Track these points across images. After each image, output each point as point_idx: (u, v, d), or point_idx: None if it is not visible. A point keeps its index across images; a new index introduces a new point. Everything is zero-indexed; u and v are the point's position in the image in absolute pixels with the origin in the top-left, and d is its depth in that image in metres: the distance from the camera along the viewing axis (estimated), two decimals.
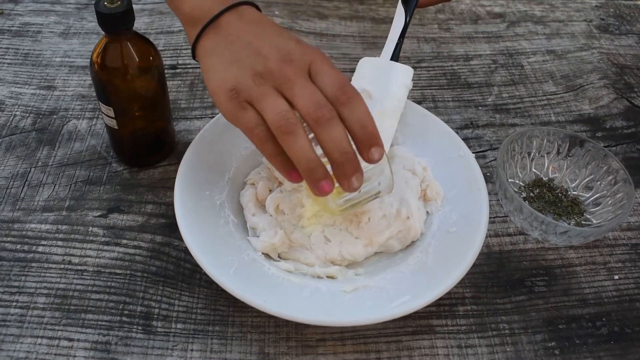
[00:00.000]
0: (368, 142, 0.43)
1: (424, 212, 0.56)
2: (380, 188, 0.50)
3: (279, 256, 0.53)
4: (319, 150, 0.43)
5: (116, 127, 0.58)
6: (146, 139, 0.62)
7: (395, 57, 0.62)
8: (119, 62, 0.54)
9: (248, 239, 0.53)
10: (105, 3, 0.51)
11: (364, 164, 0.44)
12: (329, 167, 0.43)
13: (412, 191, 0.56)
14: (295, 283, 0.49)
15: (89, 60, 0.76)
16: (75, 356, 0.48)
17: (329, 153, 0.42)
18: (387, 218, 0.53)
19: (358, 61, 0.81)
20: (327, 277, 0.51)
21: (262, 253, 0.52)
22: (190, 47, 0.49)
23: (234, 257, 0.50)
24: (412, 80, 0.62)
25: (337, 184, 0.44)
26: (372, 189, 0.49)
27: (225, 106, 0.45)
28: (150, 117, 0.61)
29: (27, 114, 0.68)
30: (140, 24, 0.81)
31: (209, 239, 0.50)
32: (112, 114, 0.56)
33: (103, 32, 0.53)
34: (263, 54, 0.44)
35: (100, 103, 0.57)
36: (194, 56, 0.49)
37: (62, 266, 0.54)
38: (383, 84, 0.61)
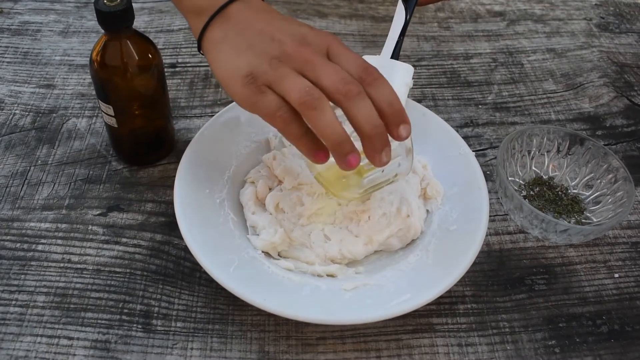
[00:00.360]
0: (397, 119, 0.43)
1: (424, 210, 0.56)
2: (400, 170, 0.50)
3: (278, 255, 0.53)
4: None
5: (116, 126, 0.58)
6: (146, 138, 0.62)
7: (395, 55, 0.62)
8: (118, 60, 0.54)
9: (248, 237, 0.53)
10: (105, 1, 0.51)
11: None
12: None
13: (412, 189, 0.56)
14: (295, 281, 0.49)
15: (88, 58, 0.76)
16: (75, 355, 0.48)
17: (359, 127, 0.42)
18: (387, 216, 0.53)
19: None
20: (327, 275, 0.51)
21: (262, 251, 0.52)
22: (195, 40, 0.48)
23: (234, 256, 0.50)
24: (413, 78, 0.62)
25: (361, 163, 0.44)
26: (392, 170, 0.49)
27: (241, 92, 0.44)
28: (150, 116, 0.60)
29: (27, 113, 0.68)
30: (139, 23, 0.81)
31: (209, 238, 0.50)
32: (111, 112, 0.56)
33: (103, 31, 0.53)
34: (277, 39, 0.44)
35: (100, 101, 0.56)
36: (199, 48, 0.48)
37: (61, 265, 0.54)
38: None
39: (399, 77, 0.61)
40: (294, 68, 0.43)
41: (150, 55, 0.55)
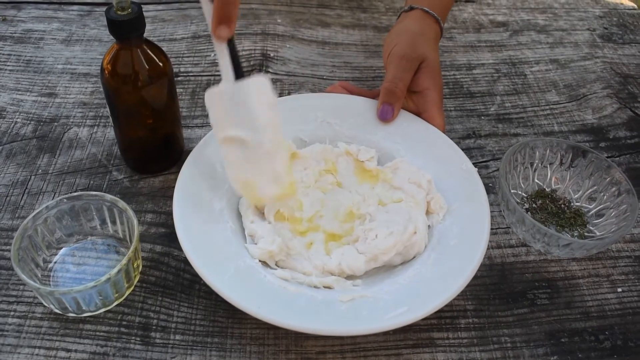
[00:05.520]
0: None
1: (427, 225, 0.55)
2: None
3: (276, 264, 0.52)
4: None
5: (125, 134, 0.58)
6: (155, 146, 0.62)
7: (239, 72, 0.50)
8: (129, 68, 0.54)
9: (246, 246, 0.52)
10: (116, 10, 0.51)
11: None
12: None
13: (419, 205, 0.55)
14: (291, 291, 0.48)
15: (90, 67, 0.76)
16: None
17: None
18: (394, 235, 0.52)
19: (360, 70, 0.80)
20: (324, 287, 0.50)
21: (260, 260, 0.51)
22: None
23: (230, 264, 0.49)
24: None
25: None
26: None
27: None
28: (160, 124, 0.60)
29: (28, 121, 0.68)
30: None
31: (206, 244, 0.50)
32: (121, 120, 0.56)
33: (105, 40, 0.53)
34: None
35: (110, 109, 0.56)
36: None
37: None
38: (246, 118, 0.50)
39: (258, 99, 0.50)
40: None
41: (161, 64, 0.55)
